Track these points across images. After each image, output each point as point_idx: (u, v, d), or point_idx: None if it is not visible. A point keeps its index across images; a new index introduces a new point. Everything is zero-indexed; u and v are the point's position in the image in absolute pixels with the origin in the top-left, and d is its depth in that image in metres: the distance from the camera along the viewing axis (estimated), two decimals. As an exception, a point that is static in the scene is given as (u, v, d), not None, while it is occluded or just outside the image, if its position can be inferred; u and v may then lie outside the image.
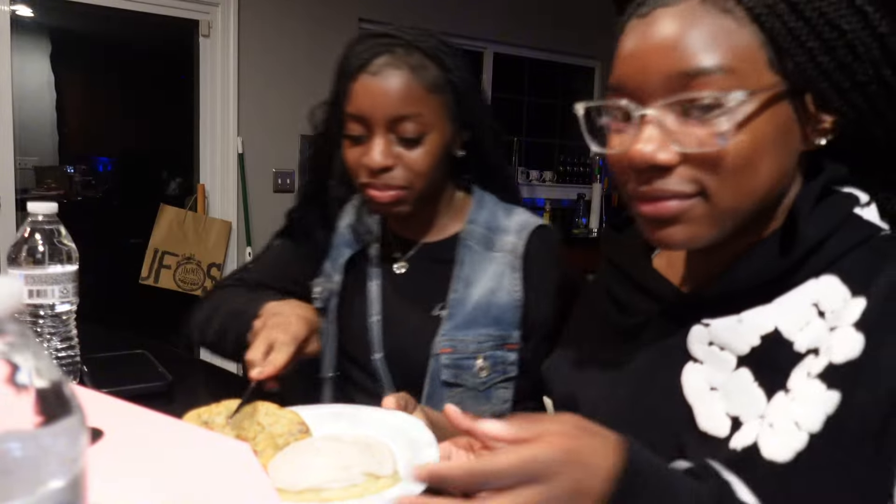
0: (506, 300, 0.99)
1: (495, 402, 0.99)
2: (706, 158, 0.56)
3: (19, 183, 2.85)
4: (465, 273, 1.01)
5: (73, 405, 0.29)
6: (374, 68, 0.92)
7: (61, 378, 0.29)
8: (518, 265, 1.00)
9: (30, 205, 0.85)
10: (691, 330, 0.63)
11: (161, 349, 1.11)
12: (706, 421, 0.59)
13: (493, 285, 1.00)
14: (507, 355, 0.99)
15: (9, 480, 0.26)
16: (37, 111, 2.95)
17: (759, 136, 0.55)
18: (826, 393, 0.52)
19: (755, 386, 0.57)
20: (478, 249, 1.02)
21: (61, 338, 0.87)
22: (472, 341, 0.98)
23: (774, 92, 0.56)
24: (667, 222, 0.59)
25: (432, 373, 0.98)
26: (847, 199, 0.61)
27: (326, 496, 0.61)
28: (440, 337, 0.98)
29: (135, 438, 0.50)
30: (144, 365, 1.03)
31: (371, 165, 0.92)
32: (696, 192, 0.57)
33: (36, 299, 0.83)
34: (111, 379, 0.93)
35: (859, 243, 0.58)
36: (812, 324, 0.57)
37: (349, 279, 1.08)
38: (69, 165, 3.13)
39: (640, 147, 0.57)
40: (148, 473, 0.44)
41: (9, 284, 0.27)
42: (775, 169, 0.58)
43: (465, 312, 0.99)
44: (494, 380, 0.99)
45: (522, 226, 1.03)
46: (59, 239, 0.85)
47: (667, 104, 0.56)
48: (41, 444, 0.27)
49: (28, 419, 0.27)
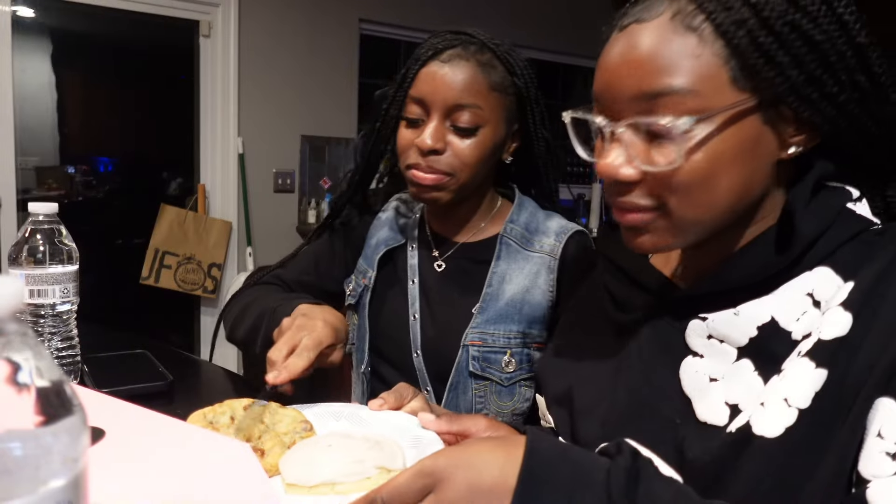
0: (539, 299, 1.01)
1: (518, 399, 1.01)
2: (663, 177, 0.58)
3: (20, 183, 2.85)
4: (501, 269, 1.02)
5: (74, 405, 0.29)
6: (444, 57, 0.95)
7: (62, 378, 0.29)
8: (554, 266, 1.02)
9: (31, 205, 0.85)
10: (689, 324, 0.65)
11: (161, 349, 1.12)
12: (706, 411, 0.61)
13: (527, 283, 1.01)
14: (534, 354, 1.01)
15: (10, 480, 0.26)
16: (38, 111, 2.95)
17: (717, 154, 0.57)
18: (815, 371, 0.54)
19: (755, 375, 0.59)
20: (516, 248, 1.03)
21: (62, 337, 0.87)
22: (502, 335, 1.00)
23: (738, 110, 0.56)
24: (635, 230, 0.63)
25: (460, 363, 1.00)
26: (839, 195, 0.62)
27: (341, 489, 0.63)
28: (471, 329, 1.00)
29: (135, 438, 0.50)
30: (145, 365, 1.03)
31: (422, 146, 0.95)
32: (655, 206, 0.60)
33: (37, 299, 0.83)
34: (112, 378, 0.93)
35: (852, 237, 0.60)
36: (808, 313, 0.58)
37: (383, 275, 1.09)
38: (70, 165, 3.13)
39: (606, 162, 0.60)
40: (148, 473, 0.44)
41: (10, 284, 0.27)
42: (738, 182, 0.59)
43: (498, 307, 1.00)
44: (519, 376, 1.00)
45: (561, 229, 1.05)
46: (59, 239, 0.85)
47: (630, 124, 0.59)
48: (42, 444, 0.27)
49: (29, 418, 0.27)
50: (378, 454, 0.66)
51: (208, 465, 0.48)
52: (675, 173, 0.57)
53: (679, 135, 0.56)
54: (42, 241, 0.84)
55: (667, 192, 0.59)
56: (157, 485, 0.43)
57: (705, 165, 0.57)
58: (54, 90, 2.98)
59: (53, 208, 0.86)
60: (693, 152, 0.56)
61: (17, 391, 0.27)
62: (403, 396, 0.80)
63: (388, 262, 1.10)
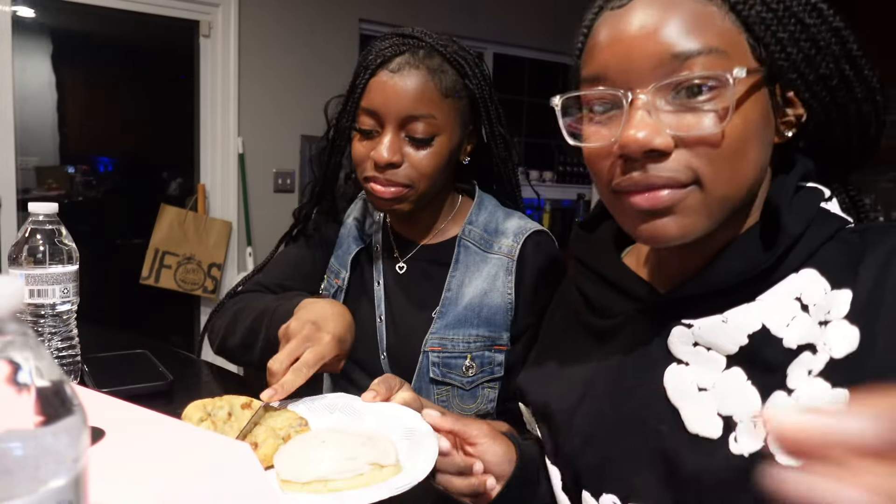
0: (497, 302, 0.99)
1: (481, 401, 1.00)
2: (702, 143, 0.54)
3: (20, 183, 2.85)
4: (459, 273, 1.02)
5: (74, 405, 0.29)
6: (393, 66, 0.93)
7: (62, 378, 0.29)
8: (512, 268, 1.00)
9: (31, 205, 0.85)
10: (672, 331, 0.62)
11: (161, 349, 1.12)
12: (697, 423, 0.58)
13: (486, 287, 1.00)
14: (495, 356, 1.00)
15: (10, 480, 0.26)
16: (38, 111, 2.95)
17: (749, 120, 0.55)
18: (832, 391, 0.52)
19: (748, 385, 0.57)
20: (474, 250, 1.02)
21: (62, 337, 0.87)
22: (461, 340, 0.99)
23: (758, 78, 0.56)
24: (659, 214, 0.57)
25: (421, 369, 0.99)
26: (815, 194, 0.61)
27: (334, 486, 0.63)
28: (431, 335, 0.99)
29: (136, 438, 0.50)
30: (145, 364, 1.03)
31: (378, 160, 0.93)
32: (690, 181, 0.55)
33: (37, 299, 0.83)
34: (112, 378, 0.93)
35: (830, 237, 0.58)
36: (798, 318, 0.56)
37: (354, 276, 1.09)
38: (70, 165, 3.13)
39: (633, 132, 0.55)
40: (149, 473, 0.44)
41: (10, 284, 0.27)
42: (761, 157, 0.57)
43: (457, 312, 1.00)
44: (481, 379, 0.99)
45: (519, 230, 1.03)
46: (59, 239, 0.85)
47: (659, 87, 0.55)
48: (42, 444, 0.27)
49: (29, 419, 0.27)
50: (371, 450, 0.67)
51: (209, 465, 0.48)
52: (714, 139, 0.54)
53: (718, 96, 0.54)
54: (42, 241, 0.84)
55: (703, 162, 0.55)
56: (158, 485, 0.43)
57: (742, 131, 0.55)
58: (54, 90, 2.98)
59: (53, 208, 0.86)
60: (732, 115, 0.54)
61: (18, 391, 0.27)
62: (392, 387, 0.79)
63: (357, 263, 1.10)
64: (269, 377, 0.78)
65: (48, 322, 0.85)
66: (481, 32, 3.89)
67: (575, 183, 4.50)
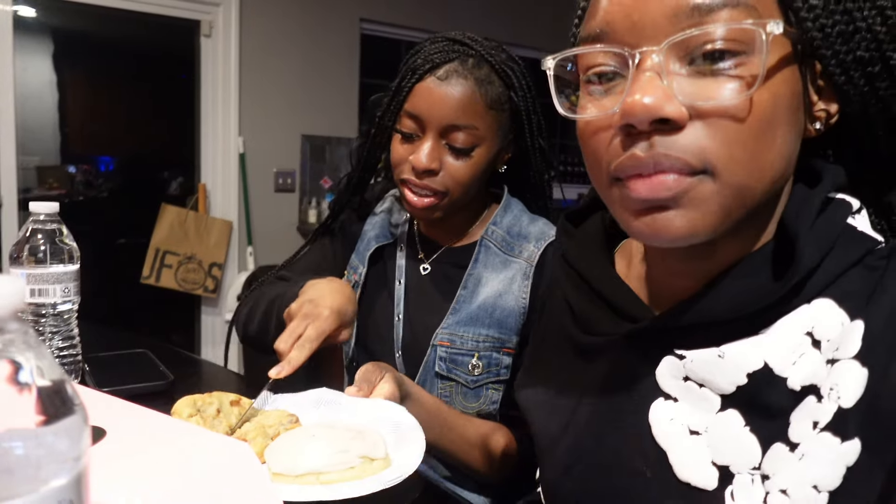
0: (511, 305, 0.99)
1: (484, 402, 1.00)
2: (722, 116, 0.45)
3: (21, 182, 2.86)
4: (477, 272, 1.02)
5: (75, 404, 0.29)
6: (441, 73, 0.93)
7: (63, 377, 0.29)
8: (530, 273, 1.00)
9: (32, 204, 0.85)
10: (662, 361, 0.54)
11: (162, 348, 1.12)
12: (687, 471, 0.51)
13: (502, 288, 1.00)
14: (503, 358, 1.00)
15: (11, 479, 0.26)
16: (39, 111, 2.95)
17: (779, 96, 0.46)
18: (842, 446, 0.45)
19: (747, 432, 0.49)
20: (495, 251, 1.03)
21: (63, 337, 0.87)
22: (470, 338, 0.99)
23: (789, 51, 0.47)
24: (662, 206, 0.47)
25: (427, 363, 1.00)
26: (841, 208, 0.51)
27: (326, 479, 0.64)
28: (441, 329, 1.00)
29: (136, 438, 0.50)
30: (146, 364, 1.03)
31: (417, 165, 0.94)
32: (700, 167, 0.46)
33: (38, 298, 0.83)
34: (113, 378, 0.93)
35: (857, 261, 0.49)
36: (806, 355, 0.48)
37: (373, 272, 1.10)
38: (71, 165, 3.13)
39: (639, 97, 0.45)
40: (150, 472, 0.44)
41: (11, 283, 0.27)
42: (788, 147, 0.48)
43: (470, 310, 1.00)
44: (486, 380, 0.99)
45: (542, 234, 1.03)
46: (60, 238, 0.85)
47: (674, 44, 0.45)
48: (43, 443, 0.27)
49: (30, 418, 0.27)
50: (361, 444, 0.68)
51: (209, 464, 0.48)
52: (737, 111, 0.45)
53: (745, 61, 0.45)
54: (43, 241, 0.84)
55: (718, 142, 0.45)
56: (159, 484, 0.43)
57: (770, 107, 0.45)
58: (55, 89, 2.99)
59: (54, 208, 0.86)
60: (760, 84, 0.44)
61: (19, 390, 0.27)
62: (372, 382, 0.81)
63: (378, 259, 1.10)
64: (279, 357, 0.83)
65: (49, 321, 0.85)
66: (480, 32, 3.88)
67: (575, 183, 4.51)
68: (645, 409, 0.54)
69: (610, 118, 0.49)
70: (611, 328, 0.58)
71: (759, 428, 0.49)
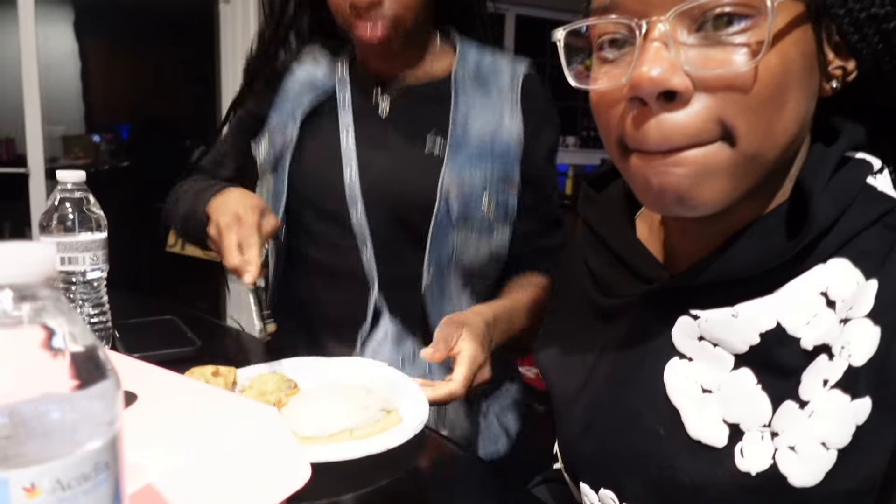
0: (507, 137, 0.99)
1: (497, 239, 1.01)
2: (730, 84, 0.45)
3: (48, 152, 2.89)
4: (462, 110, 0.99)
5: (108, 369, 0.29)
6: None
7: (95, 342, 0.29)
8: (516, 103, 1.00)
9: (59, 173, 0.86)
10: (678, 321, 0.55)
11: (189, 315, 1.13)
12: (698, 428, 0.52)
13: (494, 122, 1.00)
14: (509, 197, 1.00)
15: (48, 442, 0.26)
16: (62, 80, 2.97)
17: (789, 60, 0.46)
18: (852, 404, 0.45)
19: (758, 390, 0.50)
20: (473, 87, 1.01)
21: (93, 304, 0.89)
22: (479, 176, 0.97)
23: (801, 10, 0.47)
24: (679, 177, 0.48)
25: (440, 213, 0.96)
26: (860, 167, 0.51)
27: (358, 434, 0.67)
28: (446, 175, 0.96)
29: (167, 402, 0.51)
30: (174, 330, 1.05)
31: (359, 2, 0.89)
32: (717, 136, 0.46)
33: (68, 266, 0.85)
34: (142, 344, 0.95)
35: (875, 220, 0.49)
36: (820, 315, 0.48)
37: (307, 130, 1.03)
38: (95, 134, 3.16)
39: (645, 69, 0.45)
40: (181, 436, 0.45)
41: (42, 250, 0.27)
42: (801, 109, 0.48)
43: (469, 149, 0.98)
44: (499, 218, 1.00)
45: (515, 65, 1.03)
46: (87, 207, 0.86)
47: (681, 12, 0.45)
48: (78, 407, 0.27)
49: (65, 383, 0.27)
50: (376, 398, 0.71)
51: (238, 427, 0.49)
52: (744, 80, 0.45)
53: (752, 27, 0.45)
54: (71, 210, 0.85)
55: (732, 111, 0.45)
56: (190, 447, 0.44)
57: (780, 73, 0.45)
58: (78, 59, 3.00)
59: (81, 176, 0.87)
60: (767, 50, 0.44)
61: (53, 356, 0.27)
62: (449, 342, 0.81)
63: (310, 114, 1.03)
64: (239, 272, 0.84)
65: (79, 289, 0.87)
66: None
67: (598, 148, 4.45)
68: (660, 369, 0.56)
69: (620, 89, 0.49)
70: (629, 290, 0.59)
71: (770, 386, 0.50)
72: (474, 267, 1.01)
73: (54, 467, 0.26)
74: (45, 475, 0.26)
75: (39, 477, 0.26)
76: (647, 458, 0.55)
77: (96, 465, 0.28)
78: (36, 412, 0.26)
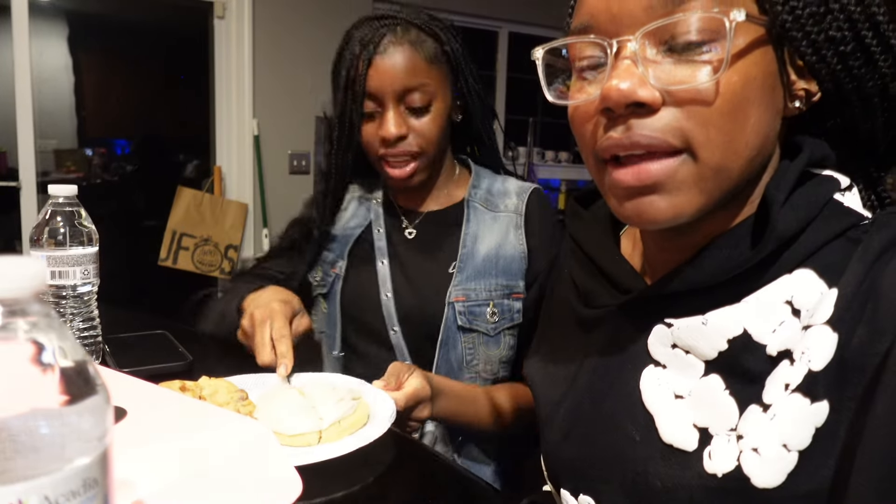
0: (511, 253, 1.08)
1: (503, 347, 1.08)
2: (693, 100, 0.48)
3: (40, 166, 2.88)
4: (472, 231, 1.10)
5: (98, 384, 0.29)
6: (380, 49, 1.01)
7: (85, 357, 0.29)
8: (521, 223, 1.10)
9: (50, 187, 0.86)
10: (653, 329, 0.57)
11: (180, 329, 1.13)
12: (671, 433, 0.54)
13: (499, 241, 1.09)
14: (514, 304, 1.07)
15: (37, 457, 0.26)
16: (56, 94, 2.97)
17: (749, 78, 0.49)
18: (811, 407, 0.47)
19: (726, 395, 0.52)
20: (482, 210, 1.11)
21: (83, 318, 0.88)
22: (483, 289, 1.06)
23: (762, 32, 0.50)
24: (646, 190, 0.51)
25: (447, 320, 1.06)
26: (826, 184, 0.53)
27: (347, 423, 0.71)
28: (454, 287, 1.06)
29: (157, 417, 0.51)
30: (165, 345, 1.05)
31: (387, 135, 1.01)
32: (680, 148, 0.49)
33: (58, 280, 0.84)
34: (133, 359, 0.94)
35: (839, 234, 0.51)
36: (786, 323, 0.50)
37: (352, 262, 1.15)
38: (88, 148, 3.16)
39: (615, 83, 0.49)
40: (171, 451, 0.45)
41: (32, 265, 0.27)
42: (763, 124, 0.51)
43: (476, 265, 1.07)
44: (503, 325, 1.07)
45: (520, 189, 1.13)
46: (79, 221, 0.86)
47: (648, 32, 0.49)
48: (67, 423, 0.27)
49: (54, 398, 0.27)
50: (342, 391, 0.75)
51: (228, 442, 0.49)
52: (705, 94, 0.48)
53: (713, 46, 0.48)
54: (62, 223, 0.85)
55: (693, 123, 0.49)
56: (180, 462, 0.43)
57: (740, 89, 0.48)
58: (71, 73, 3.00)
59: (73, 190, 0.86)
60: (727, 67, 0.47)
61: (42, 371, 0.27)
62: (401, 377, 0.86)
63: (354, 247, 1.15)
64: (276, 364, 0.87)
65: (69, 303, 0.86)
66: (496, 11, 3.84)
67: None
68: (637, 376, 0.58)
69: (593, 103, 0.53)
70: (608, 300, 0.62)
71: (737, 391, 0.51)
72: (486, 370, 1.08)
73: (43, 484, 0.26)
74: (32, 492, 0.26)
75: (27, 494, 0.26)
76: (622, 464, 0.57)
77: (85, 482, 0.28)
78: (25, 427, 0.26)
